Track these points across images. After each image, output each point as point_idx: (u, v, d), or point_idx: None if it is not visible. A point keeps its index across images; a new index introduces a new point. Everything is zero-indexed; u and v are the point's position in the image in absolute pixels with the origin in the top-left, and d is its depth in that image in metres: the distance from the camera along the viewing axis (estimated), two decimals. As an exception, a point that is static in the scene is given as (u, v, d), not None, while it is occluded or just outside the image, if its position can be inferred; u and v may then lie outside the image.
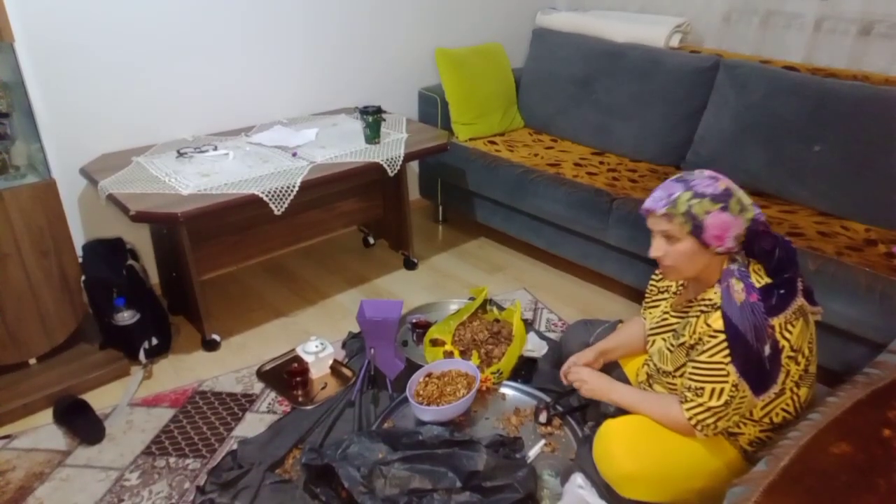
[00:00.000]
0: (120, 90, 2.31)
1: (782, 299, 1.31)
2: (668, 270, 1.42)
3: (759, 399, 1.33)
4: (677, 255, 1.37)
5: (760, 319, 1.28)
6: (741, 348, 1.29)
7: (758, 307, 1.29)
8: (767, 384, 1.32)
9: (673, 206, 1.33)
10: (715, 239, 1.32)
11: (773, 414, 1.40)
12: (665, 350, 1.49)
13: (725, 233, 1.32)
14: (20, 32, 1.99)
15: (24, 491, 1.70)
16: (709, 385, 1.33)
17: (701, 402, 1.35)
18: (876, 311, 1.84)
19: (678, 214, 1.33)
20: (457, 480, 1.56)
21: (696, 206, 1.31)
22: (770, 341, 1.29)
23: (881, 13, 2.51)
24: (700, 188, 1.33)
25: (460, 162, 2.97)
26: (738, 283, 1.32)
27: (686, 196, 1.33)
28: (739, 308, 1.30)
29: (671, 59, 2.79)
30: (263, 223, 2.47)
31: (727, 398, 1.32)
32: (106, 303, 2.14)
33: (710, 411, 1.34)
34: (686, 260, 1.37)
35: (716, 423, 1.35)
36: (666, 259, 1.39)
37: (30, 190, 1.91)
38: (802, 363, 1.37)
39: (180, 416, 1.97)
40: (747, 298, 1.30)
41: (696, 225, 1.32)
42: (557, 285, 2.78)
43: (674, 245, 1.37)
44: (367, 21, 2.93)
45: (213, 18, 2.45)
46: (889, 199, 2.20)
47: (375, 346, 2.08)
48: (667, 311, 1.57)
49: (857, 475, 1.06)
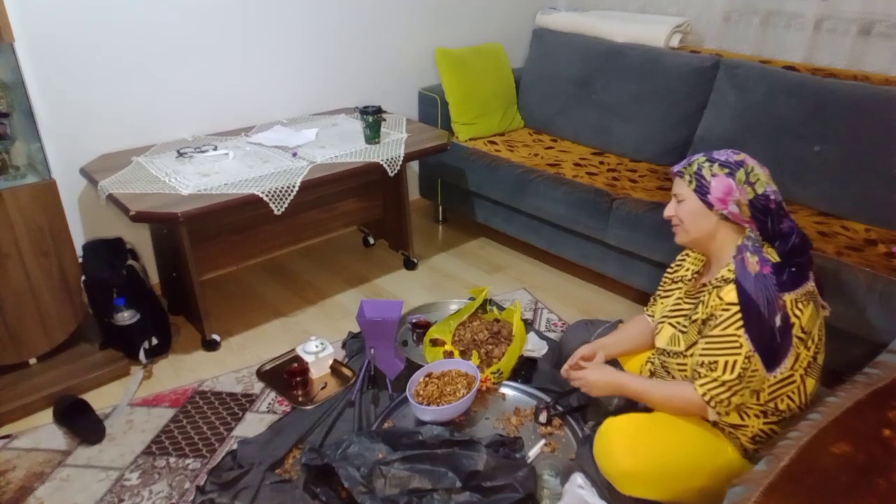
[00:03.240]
0: (120, 90, 2.31)
1: (793, 278, 1.35)
2: (678, 231, 1.51)
3: (771, 375, 1.35)
4: (684, 213, 1.46)
5: (773, 292, 1.33)
6: (754, 318, 1.32)
7: (770, 280, 1.34)
8: (779, 357, 1.34)
9: (688, 165, 1.46)
10: (718, 202, 1.40)
11: (778, 400, 1.40)
12: (677, 332, 1.52)
13: (728, 196, 1.39)
14: (20, 32, 1.99)
15: (24, 491, 1.70)
16: (722, 358, 1.35)
17: (715, 376, 1.36)
18: (876, 311, 1.84)
19: (688, 173, 1.45)
20: (457, 480, 1.56)
21: (705, 167, 1.42)
22: (781, 313, 1.32)
23: (881, 13, 2.51)
24: (716, 155, 1.44)
25: (460, 162, 2.97)
26: (752, 256, 1.37)
27: (701, 159, 1.45)
28: (754, 278, 1.34)
29: (671, 59, 2.79)
30: (263, 223, 2.47)
31: (740, 370, 1.34)
32: (106, 303, 2.14)
33: (725, 385, 1.35)
34: (692, 220, 1.45)
35: (730, 398, 1.36)
36: (674, 218, 1.50)
37: (30, 190, 1.91)
38: (812, 349, 1.38)
39: (180, 416, 1.97)
40: (761, 270, 1.35)
41: (701, 184, 1.42)
42: (557, 285, 2.78)
43: (681, 205, 1.47)
44: (367, 21, 2.93)
45: (214, 18, 2.45)
46: (889, 199, 2.20)
47: (375, 346, 2.08)
48: (680, 297, 1.60)
49: (857, 475, 1.06)
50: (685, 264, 1.66)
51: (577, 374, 1.64)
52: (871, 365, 1.34)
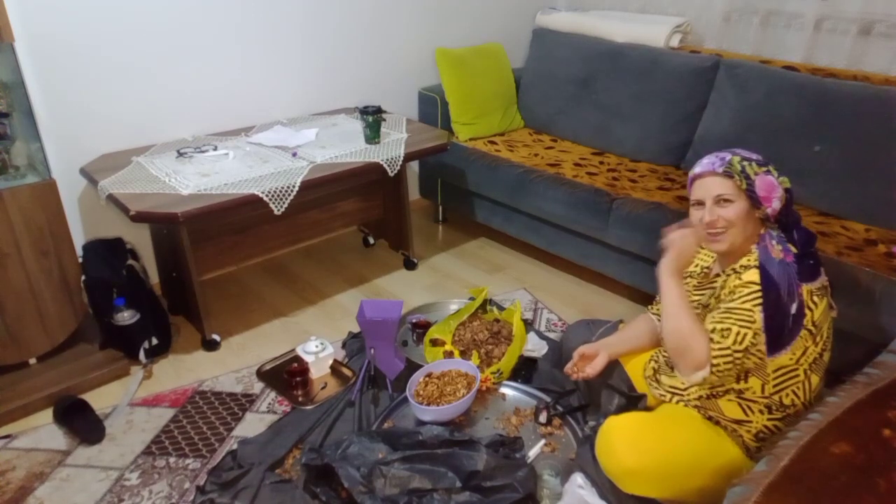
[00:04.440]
0: (120, 90, 2.31)
1: (811, 269, 1.38)
2: (721, 237, 1.43)
3: (770, 358, 1.36)
4: (733, 215, 1.41)
5: (794, 279, 1.35)
6: (773, 299, 1.34)
7: (792, 268, 1.36)
8: (783, 342, 1.35)
9: (729, 165, 1.42)
10: (765, 200, 1.40)
11: (783, 394, 1.41)
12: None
13: (772, 193, 1.40)
14: (20, 32, 1.99)
15: (24, 491, 1.70)
16: (735, 327, 1.36)
17: (727, 344, 1.36)
18: (876, 311, 1.84)
19: (736, 173, 1.40)
20: (457, 480, 1.56)
21: (748, 166, 1.41)
22: (798, 301, 1.34)
23: (881, 13, 2.51)
24: (744, 154, 1.44)
25: (460, 162, 2.97)
26: (777, 244, 1.40)
27: (738, 158, 1.42)
28: (778, 263, 1.37)
29: (671, 59, 2.79)
30: (263, 223, 2.47)
31: (748, 344, 1.35)
32: (106, 303, 2.14)
33: (731, 355, 1.36)
34: (742, 220, 1.41)
35: (729, 368, 1.37)
36: (720, 222, 1.42)
37: (30, 190, 1.91)
38: (819, 345, 1.39)
39: (180, 416, 1.97)
40: (784, 258, 1.37)
41: (750, 183, 1.40)
42: (557, 285, 2.78)
43: (727, 207, 1.41)
44: (367, 21, 2.93)
45: (214, 18, 2.45)
46: (889, 199, 2.20)
47: (375, 346, 2.08)
48: (689, 291, 1.59)
49: (857, 475, 1.06)
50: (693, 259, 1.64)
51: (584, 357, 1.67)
52: (871, 365, 1.34)
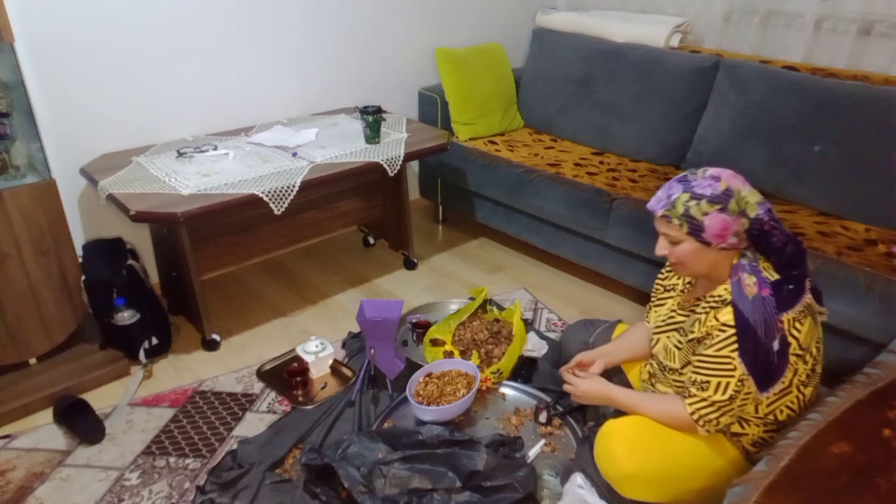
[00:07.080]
0: (120, 90, 2.31)
1: (791, 295, 1.32)
2: (676, 267, 1.43)
3: (764, 395, 1.33)
4: (681, 254, 1.38)
5: (771, 314, 1.29)
6: (750, 342, 1.29)
7: (769, 301, 1.30)
8: (773, 379, 1.32)
9: (671, 207, 1.34)
10: (716, 238, 1.32)
11: (777, 412, 1.40)
12: (672, 347, 1.49)
13: (726, 232, 1.32)
14: (20, 32, 1.99)
15: (24, 491, 1.70)
16: (714, 379, 1.34)
17: (705, 396, 1.35)
18: (876, 311, 1.84)
19: (676, 217, 1.34)
20: (457, 480, 1.56)
21: (693, 207, 1.32)
22: (779, 336, 1.29)
23: (881, 13, 2.51)
24: (699, 189, 1.32)
25: (460, 162, 2.97)
26: (749, 277, 1.33)
27: (684, 198, 1.33)
28: (751, 301, 1.30)
29: (671, 59, 2.79)
30: (263, 223, 2.47)
31: (732, 392, 1.32)
32: (106, 303, 2.14)
33: (714, 406, 1.34)
34: (690, 258, 1.38)
35: (718, 418, 1.35)
36: (671, 257, 1.41)
37: (30, 190, 1.91)
38: (810, 362, 1.37)
39: (180, 415, 1.97)
40: (759, 292, 1.31)
41: (694, 226, 1.32)
42: (557, 285, 2.78)
43: (675, 246, 1.38)
44: (367, 21, 2.93)
45: (214, 18, 2.45)
46: (889, 199, 2.20)
47: (375, 346, 2.08)
48: (673, 308, 1.57)
49: (857, 475, 1.06)
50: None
51: (570, 379, 1.64)
52: (871, 365, 1.34)
